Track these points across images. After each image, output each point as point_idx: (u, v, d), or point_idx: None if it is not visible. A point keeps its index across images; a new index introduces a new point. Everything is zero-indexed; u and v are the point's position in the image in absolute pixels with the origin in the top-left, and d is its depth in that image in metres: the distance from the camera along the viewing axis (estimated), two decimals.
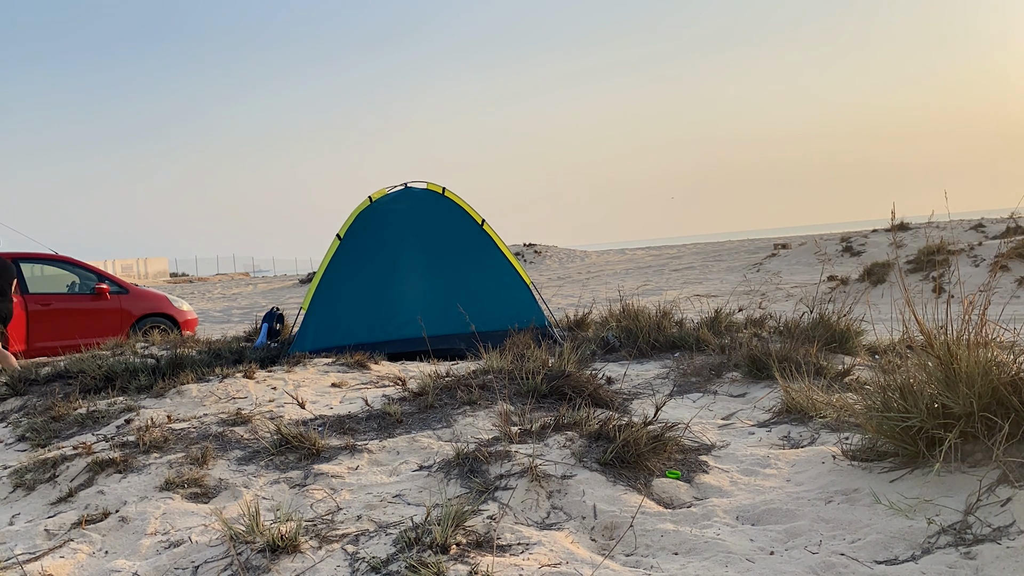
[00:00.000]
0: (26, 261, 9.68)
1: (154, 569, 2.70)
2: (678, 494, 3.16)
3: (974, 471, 2.71)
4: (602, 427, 3.53)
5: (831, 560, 2.41)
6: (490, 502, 2.98)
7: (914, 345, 3.20)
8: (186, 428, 4.28)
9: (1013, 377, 2.76)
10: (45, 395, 5.58)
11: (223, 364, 6.16)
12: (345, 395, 5.21)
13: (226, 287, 35.01)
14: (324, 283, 7.34)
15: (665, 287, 19.69)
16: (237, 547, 2.66)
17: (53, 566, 2.78)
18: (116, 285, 10.14)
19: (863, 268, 16.64)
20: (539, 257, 34.07)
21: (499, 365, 5.06)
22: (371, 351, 6.57)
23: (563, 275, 26.57)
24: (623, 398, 4.93)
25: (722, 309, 7.69)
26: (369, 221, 7.56)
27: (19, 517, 3.36)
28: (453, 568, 2.38)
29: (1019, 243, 15.05)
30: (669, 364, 6.19)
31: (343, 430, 4.24)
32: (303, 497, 3.30)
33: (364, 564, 2.51)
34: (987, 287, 3.48)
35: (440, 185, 7.83)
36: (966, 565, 2.26)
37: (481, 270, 7.59)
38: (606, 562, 2.52)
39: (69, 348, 8.88)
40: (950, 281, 13.50)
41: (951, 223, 21.04)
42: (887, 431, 3.00)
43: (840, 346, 5.79)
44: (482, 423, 4.14)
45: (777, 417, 4.21)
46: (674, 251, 32.59)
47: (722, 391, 5.14)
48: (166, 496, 3.37)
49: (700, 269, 23.72)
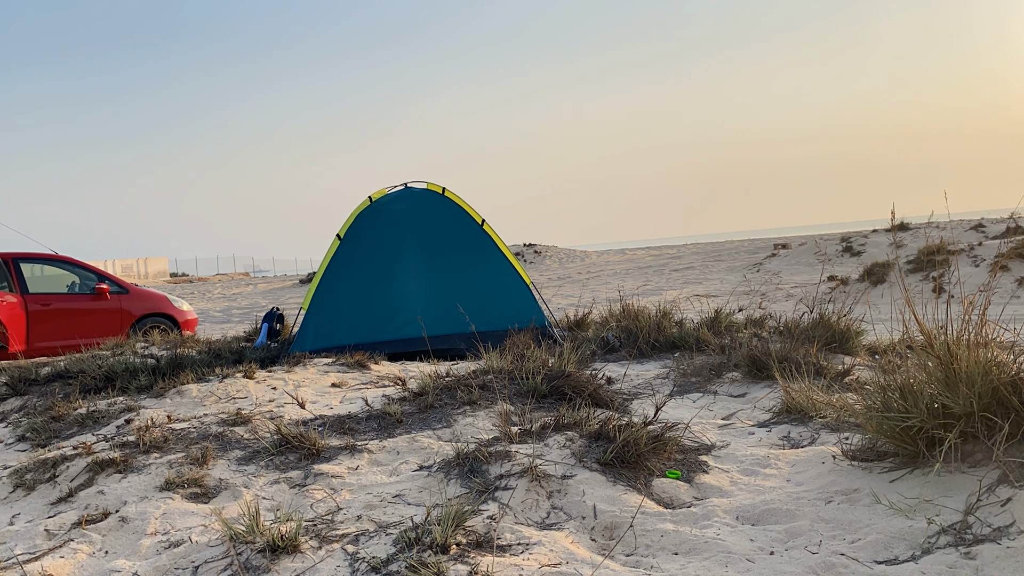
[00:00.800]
0: (26, 261, 9.68)
1: (154, 569, 2.70)
2: (678, 494, 3.16)
3: (974, 471, 2.71)
4: (602, 427, 3.53)
5: (831, 560, 2.41)
6: (490, 502, 2.98)
7: (914, 345, 3.20)
8: (186, 428, 4.28)
9: (1013, 377, 2.76)
10: (45, 395, 5.58)
11: (223, 364, 6.17)
12: (345, 395, 5.21)
13: (226, 287, 35.01)
14: (324, 283, 7.34)
15: (665, 287, 19.69)
16: (237, 547, 2.66)
17: (53, 566, 2.78)
18: (116, 285, 10.14)
19: (863, 268, 16.64)
20: (539, 257, 34.07)
21: (499, 365, 5.06)
22: (371, 351, 6.57)
23: (563, 275, 26.56)
24: (623, 398, 4.93)
25: (722, 309, 7.69)
26: (369, 221, 7.57)
27: (19, 517, 3.36)
28: (453, 568, 2.38)
29: (1019, 243, 15.04)
30: (669, 364, 6.19)
31: (343, 430, 4.24)
32: (303, 497, 3.30)
33: (364, 564, 2.51)
34: (987, 287, 3.48)
35: (440, 185, 7.84)
36: (966, 565, 2.26)
37: (481, 270, 7.59)
38: (606, 562, 2.52)
39: (69, 348, 8.88)
40: (950, 281, 13.50)
41: (951, 223, 21.04)
42: (887, 431, 3.00)
43: (840, 346, 5.79)
44: (482, 423, 4.14)
45: (777, 417, 4.21)
46: (674, 251, 32.60)
47: (722, 391, 5.14)
48: (166, 496, 3.37)
49: (700, 269, 23.72)
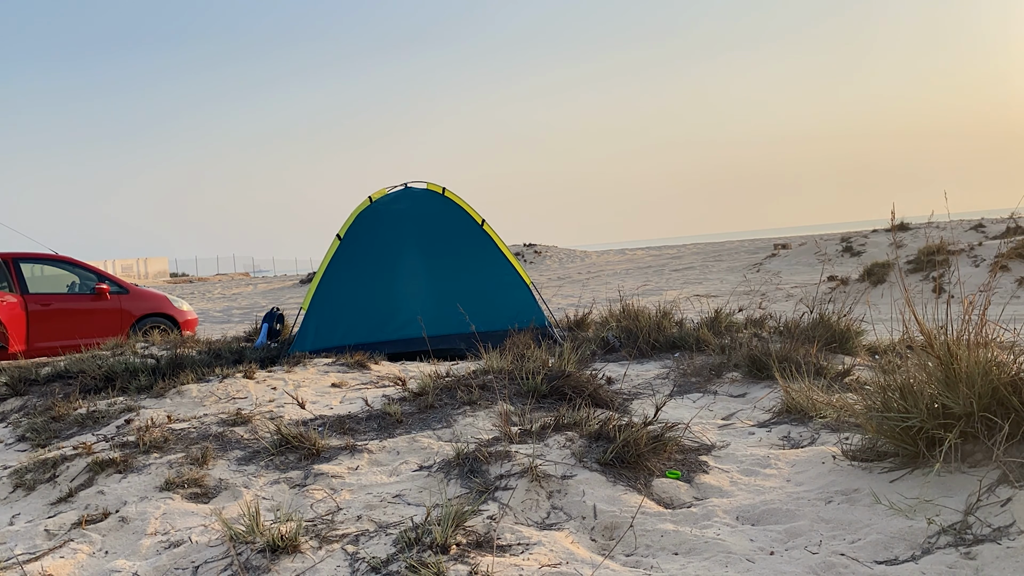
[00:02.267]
0: (26, 261, 9.67)
1: (154, 569, 2.70)
2: (678, 494, 3.16)
3: (974, 471, 2.71)
4: (602, 427, 3.53)
5: (831, 560, 2.41)
6: (490, 502, 2.98)
7: (914, 345, 3.20)
8: (186, 428, 4.28)
9: (1013, 377, 2.76)
10: (45, 395, 5.58)
11: (223, 364, 6.16)
12: (345, 395, 5.21)
13: (226, 287, 35.01)
14: (324, 283, 7.34)
15: (665, 287, 19.69)
16: (237, 547, 2.66)
17: (53, 566, 2.78)
18: (116, 285, 10.14)
19: (863, 268, 16.63)
20: (539, 257, 34.07)
21: (499, 365, 5.06)
22: (371, 351, 6.57)
23: (563, 275, 26.56)
24: (623, 398, 4.93)
25: (722, 309, 7.69)
26: (369, 221, 7.57)
27: (19, 517, 3.36)
28: (453, 568, 2.38)
29: (1019, 243, 15.04)
30: (669, 364, 6.19)
31: (343, 430, 4.24)
32: (303, 497, 3.30)
33: (364, 564, 2.51)
34: (987, 287, 3.48)
35: (440, 185, 7.84)
36: (966, 565, 2.26)
37: (481, 270, 7.59)
38: (606, 562, 2.52)
39: (69, 348, 8.88)
40: (950, 281, 13.49)
41: (951, 223, 21.03)
42: (887, 431, 3.00)
43: (840, 346, 5.79)
44: (482, 423, 4.14)
45: (777, 417, 4.21)
46: (674, 251, 32.60)
47: (722, 391, 5.14)
48: (166, 496, 3.37)
49: (700, 269, 23.72)
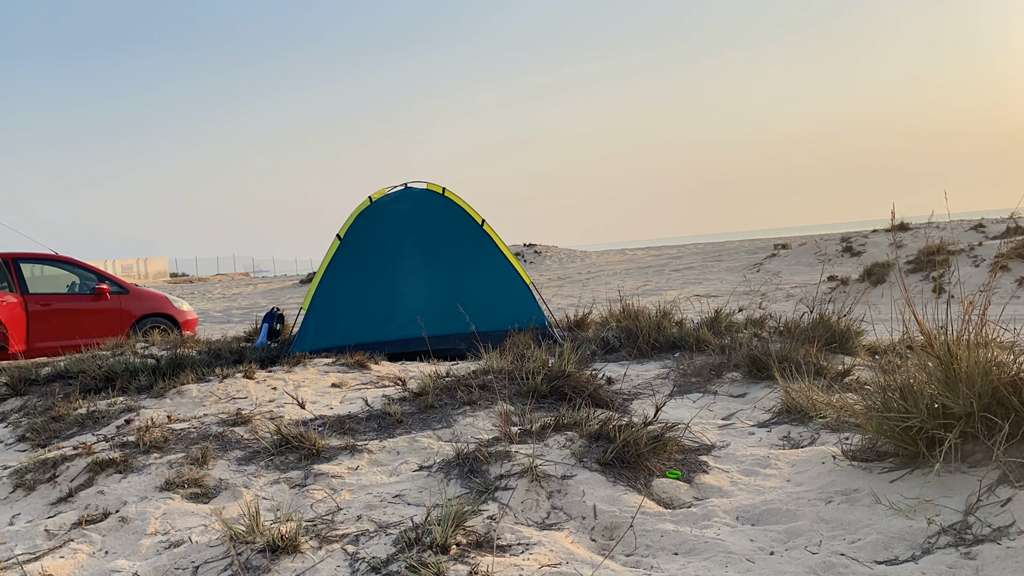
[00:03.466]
0: (26, 261, 9.68)
1: (154, 569, 2.70)
2: (678, 494, 3.16)
3: (974, 471, 2.71)
4: (602, 427, 3.53)
5: (831, 560, 2.41)
6: (490, 502, 2.98)
7: (914, 345, 3.20)
8: (186, 428, 4.28)
9: (1013, 377, 2.76)
10: (45, 395, 5.58)
11: (223, 364, 6.16)
12: (345, 395, 5.21)
13: (226, 287, 35.01)
14: (324, 283, 7.34)
15: (665, 287, 19.69)
16: (237, 547, 2.66)
17: (53, 566, 2.78)
18: (116, 285, 10.14)
19: (863, 268, 16.63)
20: (539, 257, 34.07)
21: (499, 365, 5.06)
22: (371, 351, 6.57)
23: (563, 275, 26.56)
24: (623, 398, 4.93)
25: (722, 309, 7.69)
26: (369, 221, 7.57)
27: (19, 517, 3.36)
28: (453, 568, 2.38)
29: (1019, 243, 15.04)
30: (669, 364, 6.19)
31: (343, 430, 4.24)
32: (303, 497, 3.30)
33: (364, 564, 2.51)
34: (987, 287, 3.49)
35: (440, 185, 7.84)
36: (966, 565, 2.26)
37: (481, 270, 7.59)
38: (606, 562, 2.52)
39: (69, 348, 8.88)
40: (950, 281, 13.50)
41: (951, 223, 21.03)
42: (887, 431, 3.00)
43: (840, 346, 5.78)
44: (482, 423, 4.14)
45: (777, 417, 4.21)
46: (674, 251, 32.59)
47: (722, 391, 5.14)
48: (166, 496, 3.37)
49: (700, 269, 23.71)
